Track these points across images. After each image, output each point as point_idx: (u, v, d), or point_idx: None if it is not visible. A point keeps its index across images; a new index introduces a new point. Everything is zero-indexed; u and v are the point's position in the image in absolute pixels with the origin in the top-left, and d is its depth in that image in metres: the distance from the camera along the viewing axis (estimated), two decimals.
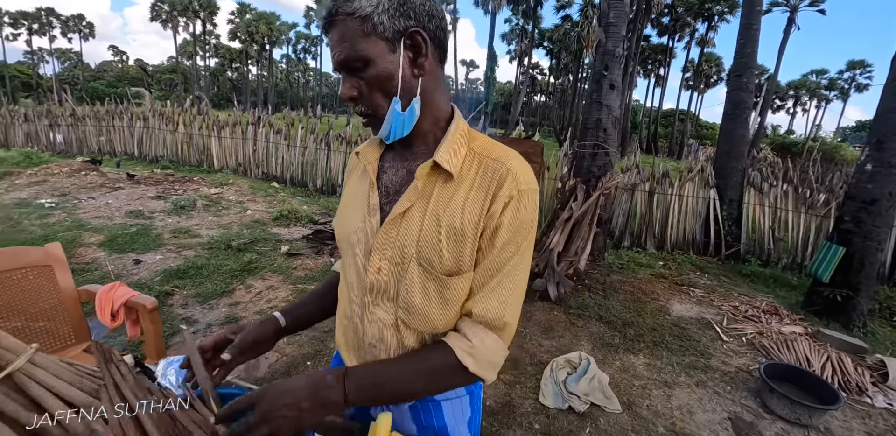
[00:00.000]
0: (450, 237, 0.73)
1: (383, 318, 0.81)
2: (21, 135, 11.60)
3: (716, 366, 2.91)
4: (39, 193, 5.83)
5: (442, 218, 0.73)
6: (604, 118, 4.60)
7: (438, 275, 0.74)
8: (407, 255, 0.75)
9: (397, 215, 0.75)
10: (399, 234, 0.76)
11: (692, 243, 5.65)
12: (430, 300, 0.76)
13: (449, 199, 0.74)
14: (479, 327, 0.75)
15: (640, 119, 35.87)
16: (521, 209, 0.73)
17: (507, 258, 0.74)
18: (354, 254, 0.83)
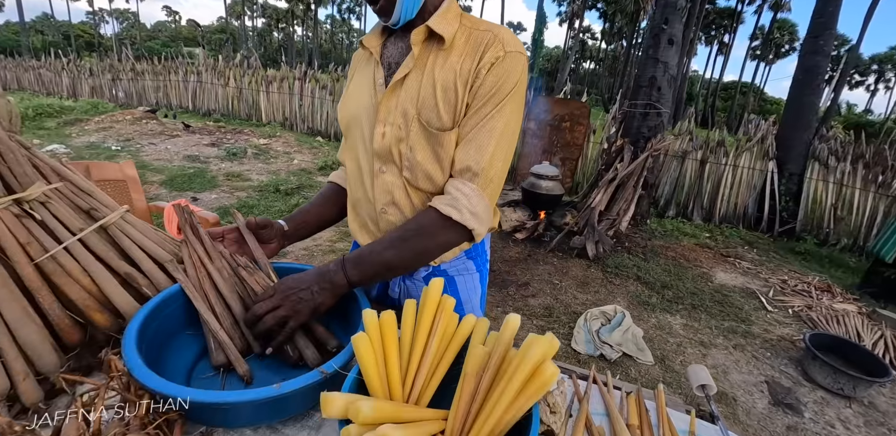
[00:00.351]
0: (445, 95, 0.80)
1: (391, 181, 0.88)
2: (87, 88, 12.26)
3: (757, 333, 2.83)
4: (106, 138, 6.22)
5: (437, 79, 0.80)
6: (659, 76, 4.33)
7: (434, 131, 0.81)
8: (409, 116, 0.82)
9: (396, 82, 0.82)
10: (399, 99, 0.83)
11: (743, 217, 5.37)
12: (427, 157, 0.83)
13: (443, 63, 0.81)
14: (459, 181, 0.83)
15: (698, 90, 33.47)
16: (505, 69, 0.80)
17: (486, 113, 0.81)
18: (362, 128, 0.89)
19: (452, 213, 0.80)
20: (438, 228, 0.82)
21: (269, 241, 0.96)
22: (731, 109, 30.07)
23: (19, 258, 0.74)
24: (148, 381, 0.62)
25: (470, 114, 0.81)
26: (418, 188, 0.88)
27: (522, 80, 0.83)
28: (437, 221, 0.82)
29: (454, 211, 0.81)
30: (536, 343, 0.66)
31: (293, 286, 0.76)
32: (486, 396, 0.68)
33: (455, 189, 0.82)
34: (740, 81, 32.52)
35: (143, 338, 0.71)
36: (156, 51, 38.27)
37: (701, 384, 0.98)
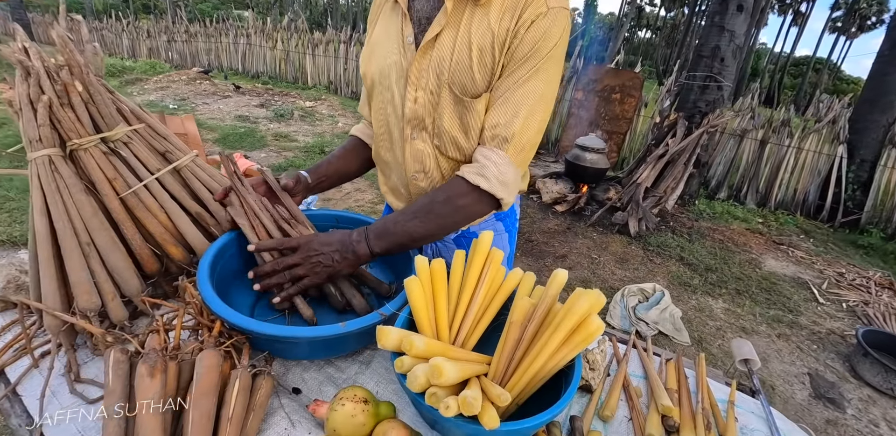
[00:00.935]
0: (481, 59, 0.74)
1: (422, 148, 0.85)
2: (145, 49, 12.71)
3: (804, 324, 2.72)
4: (164, 97, 6.50)
5: (473, 39, 0.73)
6: (723, 45, 4.00)
7: (464, 99, 0.76)
8: (441, 81, 0.77)
9: (429, 42, 0.76)
10: (432, 61, 0.76)
11: (802, 204, 5.04)
12: (454, 124, 0.79)
13: (479, 21, 0.73)
14: (488, 148, 0.78)
15: (764, 65, 30.79)
16: (546, 27, 0.72)
17: (522, 75, 0.74)
18: (392, 90, 0.84)
19: (481, 182, 0.76)
20: (466, 197, 0.78)
21: (295, 194, 0.95)
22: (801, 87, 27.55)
23: (107, 192, 0.80)
24: (223, 312, 0.67)
25: (504, 75, 0.75)
26: (447, 156, 0.85)
27: (564, 39, 0.76)
28: (465, 190, 0.77)
29: (483, 180, 0.77)
30: (584, 296, 0.66)
31: (317, 249, 0.76)
32: (529, 344, 0.71)
33: (483, 157, 0.78)
34: (814, 57, 29.56)
35: (213, 273, 0.77)
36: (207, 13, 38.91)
37: (744, 359, 0.96)
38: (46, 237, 0.74)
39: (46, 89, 0.76)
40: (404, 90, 0.81)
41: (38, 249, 0.75)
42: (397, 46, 0.81)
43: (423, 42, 0.76)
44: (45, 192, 0.75)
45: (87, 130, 0.80)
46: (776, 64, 30.10)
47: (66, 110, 0.78)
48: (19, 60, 0.75)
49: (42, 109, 0.75)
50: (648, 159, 3.83)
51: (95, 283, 0.76)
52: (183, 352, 0.67)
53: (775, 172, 5.05)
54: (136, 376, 0.58)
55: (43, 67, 0.76)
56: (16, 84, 0.77)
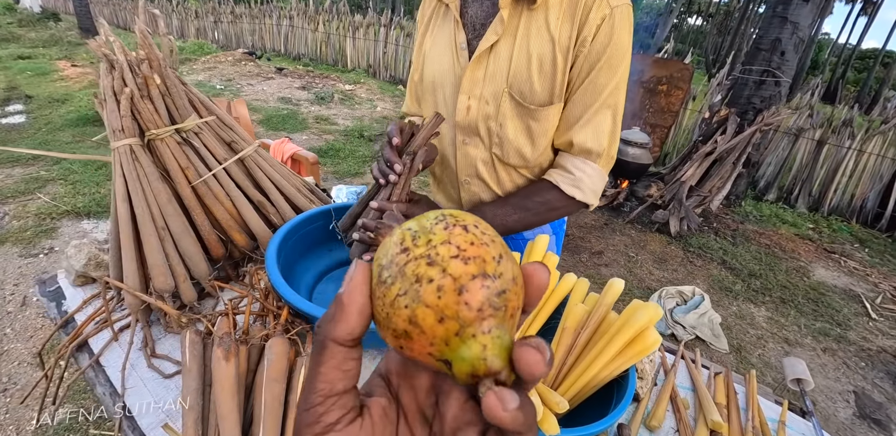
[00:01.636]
0: (541, 68, 0.72)
1: (475, 155, 0.84)
2: (193, 29, 13.04)
3: (853, 339, 2.59)
4: (211, 77, 6.69)
5: (532, 49, 0.71)
6: (784, 38, 3.74)
7: (529, 106, 0.75)
8: (499, 90, 0.75)
9: (483, 52, 0.74)
10: (488, 71, 0.75)
11: (859, 211, 4.73)
12: (519, 133, 0.78)
13: (537, 28, 0.71)
14: (580, 160, 0.78)
15: (826, 58, 28.65)
16: (616, 29, 0.69)
17: (603, 85, 0.72)
18: (444, 95, 0.83)
19: (576, 193, 0.79)
20: (561, 205, 0.81)
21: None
22: (866, 82, 25.54)
23: (180, 180, 0.85)
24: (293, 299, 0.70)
25: (583, 87, 0.73)
26: (507, 163, 0.84)
27: (630, 39, 0.73)
28: (561, 199, 0.80)
29: (578, 192, 0.79)
30: (643, 309, 0.66)
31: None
32: (581, 351, 0.71)
33: (577, 169, 0.79)
34: (884, 50, 27.24)
35: (279, 260, 0.80)
36: None
37: (796, 378, 0.93)
38: (128, 222, 0.79)
39: (129, 82, 0.80)
40: (456, 97, 0.80)
41: (119, 232, 0.80)
42: (450, 52, 0.80)
43: (478, 52, 0.75)
44: (127, 179, 0.80)
45: (163, 120, 0.84)
46: (839, 57, 27.93)
47: (146, 102, 0.82)
48: (105, 54, 0.79)
49: (125, 101, 0.79)
50: (695, 157, 3.68)
51: (169, 265, 0.81)
52: (252, 337, 0.70)
53: (831, 176, 4.75)
54: (213, 359, 0.62)
55: (126, 61, 0.80)
56: (101, 76, 0.81)
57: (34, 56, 7.90)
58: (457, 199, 0.95)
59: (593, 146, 0.77)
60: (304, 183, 1.04)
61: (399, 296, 0.17)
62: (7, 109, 4.92)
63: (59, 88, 5.67)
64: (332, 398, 0.20)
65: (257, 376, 0.65)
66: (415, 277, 0.17)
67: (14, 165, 3.49)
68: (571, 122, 0.77)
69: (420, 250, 0.18)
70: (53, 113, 4.73)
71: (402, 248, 0.18)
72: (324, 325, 0.20)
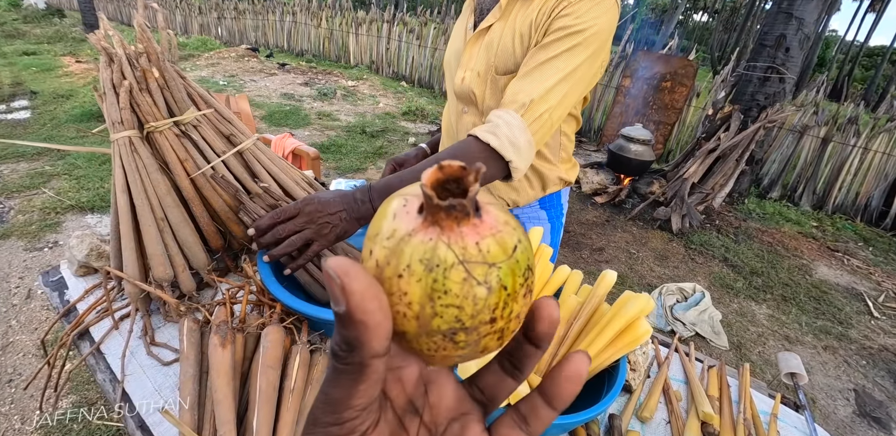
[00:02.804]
0: (521, 42, 0.80)
1: (472, 121, 0.94)
2: (196, 25, 13.05)
3: (854, 338, 2.58)
4: (214, 73, 6.71)
5: (516, 27, 0.81)
6: (790, 34, 3.71)
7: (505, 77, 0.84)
8: (488, 64, 0.85)
9: (480, 30, 0.86)
10: (481, 47, 0.86)
11: (864, 210, 4.70)
12: (496, 103, 0.86)
13: (525, 12, 0.80)
14: (502, 110, 0.75)
15: (833, 55, 28.35)
16: (586, 8, 0.73)
17: (553, 51, 0.74)
18: (452, 70, 0.96)
19: (491, 139, 0.72)
20: (474, 154, 0.73)
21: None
22: (874, 80, 25.27)
23: (179, 172, 0.86)
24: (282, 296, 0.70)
25: (536, 48, 0.76)
26: None
27: (605, 27, 0.74)
28: (474, 147, 0.73)
29: (493, 137, 0.72)
30: (633, 300, 0.67)
31: (320, 210, 0.69)
32: (573, 342, 0.72)
33: (497, 117, 0.74)
34: (892, 47, 26.97)
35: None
36: None
37: (790, 372, 0.94)
38: (127, 213, 0.80)
39: (127, 75, 0.81)
40: (457, 70, 0.93)
41: (119, 223, 0.81)
42: (462, 35, 0.94)
43: (476, 31, 0.87)
44: (126, 171, 0.81)
45: (162, 113, 0.85)
46: (847, 54, 27.62)
47: (144, 95, 0.83)
48: (104, 48, 0.80)
49: (123, 94, 0.80)
50: (697, 153, 3.67)
51: (168, 255, 0.82)
52: (248, 326, 0.72)
53: (836, 173, 4.72)
54: (210, 346, 0.64)
55: (125, 54, 0.81)
56: (100, 69, 0.82)
57: (39, 52, 7.94)
58: None
59: (523, 95, 0.74)
60: (302, 176, 1.05)
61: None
62: (12, 104, 4.96)
63: (63, 84, 5.71)
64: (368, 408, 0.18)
65: (253, 363, 0.66)
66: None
67: (19, 160, 3.52)
68: (517, 76, 0.77)
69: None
70: (58, 109, 4.77)
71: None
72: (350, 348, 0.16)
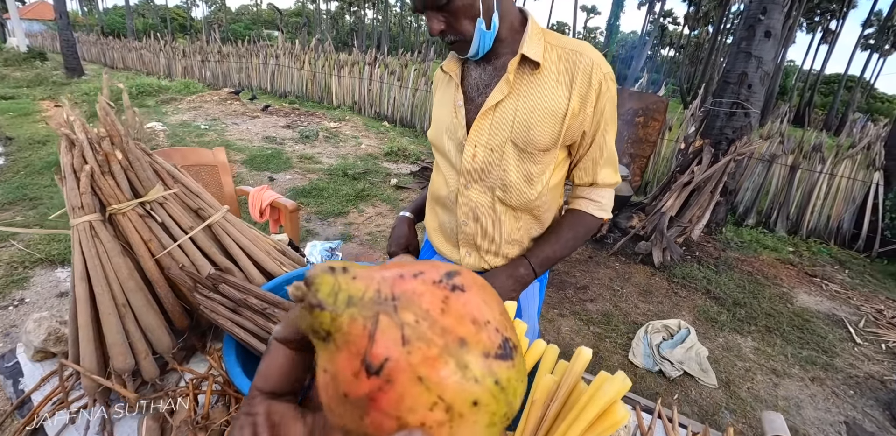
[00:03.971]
0: (543, 120, 0.85)
1: (475, 198, 0.95)
2: (180, 68, 13.29)
3: (840, 367, 2.58)
4: (196, 117, 6.76)
5: (536, 104, 0.84)
6: (750, 72, 3.95)
7: (533, 152, 0.88)
8: (503, 139, 0.87)
9: (489, 108, 0.86)
10: (493, 123, 0.87)
11: (836, 233, 4.84)
12: (520, 176, 0.90)
13: (539, 88, 0.84)
14: (602, 190, 0.97)
15: (793, 83, 30.13)
16: (611, 93, 0.86)
17: (605, 134, 0.90)
18: (445, 146, 0.96)
19: (604, 215, 0.99)
20: (594, 226, 0.99)
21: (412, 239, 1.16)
22: (833, 105, 26.80)
23: (143, 253, 0.84)
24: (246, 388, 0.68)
25: (595, 142, 0.91)
26: (509, 205, 0.94)
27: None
28: (594, 222, 0.98)
29: (605, 213, 0.99)
30: (609, 382, 0.65)
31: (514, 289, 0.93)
32: (551, 425, 0.69)
33: (601, 197, 0.98)
34: (846, 75, 28.81)
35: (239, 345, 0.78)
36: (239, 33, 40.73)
37: (775, 435, 0.92)
38: (86, 302, 0.77)
39: (89, 159, 0.80)
40: (460, 147, 0.92)
41: (77, 312, 0.78)
42: (449, 111, 0.94)
43: (485, 108, 0.87)
44: (86, 257, 0.78)
45: (125, 194, 0.84)
46: (806, 82, 29.41)
47: (107, 178, 0.82)
48: (65, 133, 0.80)
49: (84, 178, 0.79)
50: (673, 187, 3.76)
51: (130, 343, 0.79)
52: (212, 422, 0.68)
53: (807, 199, 4.88)
54: None
55: (86, 139, 0.80)
56: (61, 154, 0.81)
57: (17, 96, 7.93)
58: (454, 240, 1.04)
59: (610, 181, 0.96)
60: (274, 245, 1.03)
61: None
62: None
63: (40, 130, 5.67)
64: None
65: None
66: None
67: None
68: (592, 167, 0.94)
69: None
70: (34, 155, 4.71)
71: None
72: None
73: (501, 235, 0.97)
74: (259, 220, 2.01)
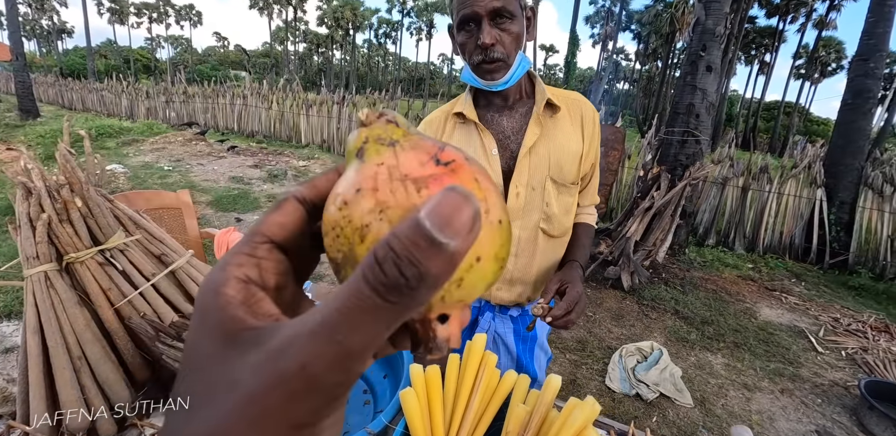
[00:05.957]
0: (570, 157, 0.97)
1: (517, 234, 1.02)
2: (143, 109, 13.15)
3: (806, 376, 2.66)
4: (160, 158, 6.64)
5: (563, 144, 0.96)
6: (697, 103, 4.27)
7: (568, 185, 0.99)
8: (542, 177, 0.97)
9: (528, 150, 0.96)
10: (531, 164, 0.96)
11: (789, 248, 5.12)
12: (562, 208, 1.01)
13: (561, 129, 0.97)
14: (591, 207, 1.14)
15: (738, 111, 32.54)
16: (597, 122, 1.00)
17: (595, 161, 1.04)
18: None
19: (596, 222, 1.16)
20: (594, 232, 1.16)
21: None
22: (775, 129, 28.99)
23: (101, 303, 0.81)
24: None
25: (591, 168, 1.05)
26: (551, 235, 1.03)
27: None
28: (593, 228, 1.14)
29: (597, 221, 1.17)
30: (579, 408, 0.67)
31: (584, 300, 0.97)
32: None
33: (592, 211, 1.15)
34: (783, 101, 31.43)
35: None
36: (206, 74, 40.95)
37: None
38: (38, 356, 0.74)
39: (46, 207, 0.79)
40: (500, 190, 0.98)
41: (29, 368, 0.74)
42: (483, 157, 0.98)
43: (523, 151, 0.96)
44: (40, 309, 0.76)
45: (84, 242, 0.82)
46: (749, 109, 31.87)
47: (65, 226, 0.81)
48: (22, 182, 0.79)
49: (41, 227, 0.78)
50: (636, 212, 3.92)
51: (85, 399, 0.75)
52: None
53: (760, 217, 5.17)
54: None
55: (44, 187, 0.80)
56: (17, 203, 0.80)
57: None
58: None
59: (597, 200, 1.14)
60: None
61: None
62: None
63: None
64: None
65: None
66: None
67: None
68: (592, 191, 1.11)
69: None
70: None
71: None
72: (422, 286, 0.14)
73: (535, 265, 1.04)
74: None
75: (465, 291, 0.18)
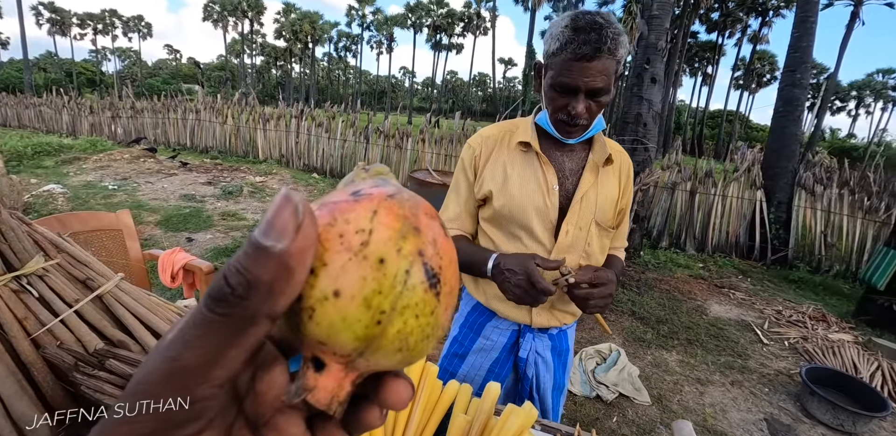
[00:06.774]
0: (611, 204, 1.08)
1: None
2: (87, 125, 12.48)
3: (753, 367, 2.81)
4: (104, 177, 6.29)
5: (608, 194, 1.07)
6: (644, 112, 4.50)
7: (608, 229, 1.09)
8: (588, 219, 1.06)
9: (583, 194, 1.05)
10: (582, 207, 1.06)
11: (735, 247, 5.43)
12: (600, 247, 1.10)
13: (608, 180, 1.08)
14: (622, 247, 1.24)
15: (685, 120, 34.50)
16: (632, 173, 1.14)
17: (627, 207, 1.14)
18: (530, 222, 1.05)
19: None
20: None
21: None
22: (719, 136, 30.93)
23: (16, 333, 0.76)
24: None
25: (622, 213, 1.13)
26: None
27: None
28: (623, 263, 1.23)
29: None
30: (514, 414, 0.68)
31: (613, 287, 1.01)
32: None
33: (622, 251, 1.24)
34: (725, 110, 33.62)
35: None
36: (156, 88, 39.39)
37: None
38: None
39: None
40: (549, 225, 1.05)
41: None
42: (540, 189, 1.05)
43: (579, 195, 1.04)
44: None
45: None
46: (695, 118, 33.84)
47: None
48: None
49: None
50: None
51: None
52: None
53: (707, 219, 5.47)
54: None
55: None
56: None
57: None
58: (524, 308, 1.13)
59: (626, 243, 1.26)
60: (178, 312, 0.98)
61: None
62: None
63: None
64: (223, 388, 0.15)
65: None
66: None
67: None
68: (623, 235, 1.21)
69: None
70: None
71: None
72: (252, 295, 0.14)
73: None
74: (171, 285, 1.88)
75: (323, 330, 0.16)
